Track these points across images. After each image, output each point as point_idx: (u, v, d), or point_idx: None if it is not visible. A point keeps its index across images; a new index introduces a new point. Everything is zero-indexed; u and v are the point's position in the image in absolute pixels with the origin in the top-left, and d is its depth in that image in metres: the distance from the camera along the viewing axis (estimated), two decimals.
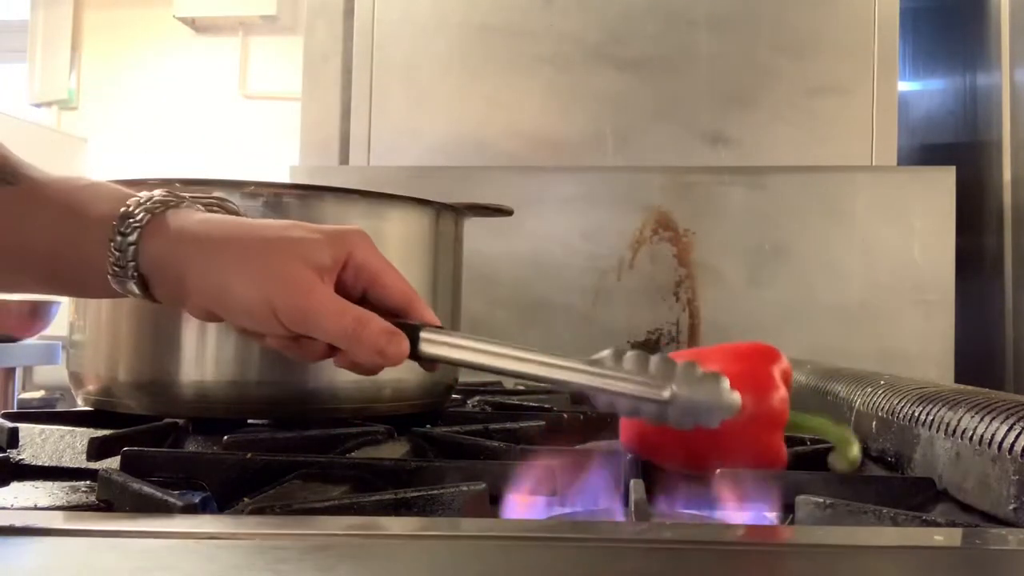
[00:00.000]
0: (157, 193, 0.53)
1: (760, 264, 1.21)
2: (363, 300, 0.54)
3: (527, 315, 1.22)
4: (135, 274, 0.52)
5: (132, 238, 0.51)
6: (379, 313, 0.52)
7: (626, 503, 0.47)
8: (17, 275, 0.56)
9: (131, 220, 0.52)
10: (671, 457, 0.55)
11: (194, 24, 3.08)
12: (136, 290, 0.53)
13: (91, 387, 0.71)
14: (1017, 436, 0.43)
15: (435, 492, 0.45)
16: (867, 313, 1.19)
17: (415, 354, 0.53)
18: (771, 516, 0.48)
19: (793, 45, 1.30)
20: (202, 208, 0.55)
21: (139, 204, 0.52)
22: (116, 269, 0.52)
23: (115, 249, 0.51)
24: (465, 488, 0.46)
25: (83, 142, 3.04)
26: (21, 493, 0.50)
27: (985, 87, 1.31)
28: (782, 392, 0.54)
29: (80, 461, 0.57)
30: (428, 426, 0.70)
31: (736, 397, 0.46)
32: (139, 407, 0.68)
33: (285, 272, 0.50)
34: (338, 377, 0.69)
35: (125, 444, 0.55)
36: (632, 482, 0.48)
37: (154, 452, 0.55)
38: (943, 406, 0.53)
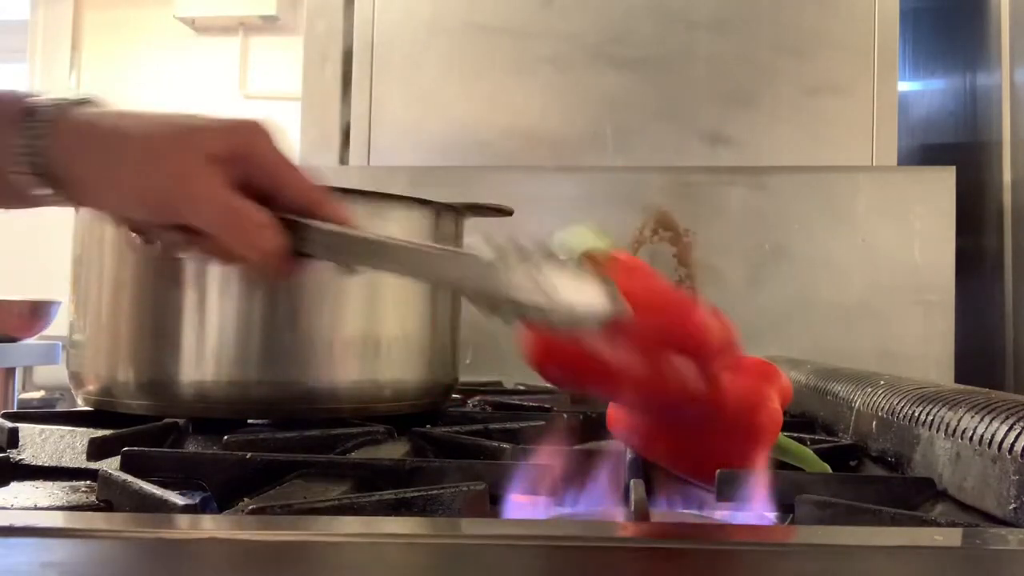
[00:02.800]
0: (58, 94, 0.52)
1: (760, 264, 1.21)
2: (267, 202, 0.51)
3: None
4: (38, 173, 0.50)
5: (38, 131, 0.49)
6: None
7: (626, 503, 0.47)
8: None
9: (37, 118, 0.50)
10: (654, 451, 0.54)
11: (194, 24, 3.08)
12: (40, 186, 0.51)
13: (91, 387, 0.71)
14: (1017, 436, 0.43)
15: (435, 492, 0.45)
16: (867, 313, 1.19)
17: (300, 251, 0.50)
18: (771, 516, 0.48)
19: (793, 45, 1.30)
20: (107, 105, 0.54)
21: (41, 104, 0.51)
22: (17, 169, 0.50)
23: (20, 150, 0.50)
24: (465, 488, 0.46)
25: None
26: (21, 493, 0.50)
27: (985, 87, 1.31)
28: (776, 413, 0.54)
29: (80, 461, 0.57)
30: (428, 426, 0.70)
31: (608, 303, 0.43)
32: (139, 407, 0.68)
33: (170, 158, 0.49)
34: (338, 377, 0.69)
35: (125, 444, 0.55)
36: (632, 482, 0.47)
37: (154, 452, 0.55)
38: (943, 406, 0.53)
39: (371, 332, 0.70)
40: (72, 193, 0.52)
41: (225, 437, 0.59)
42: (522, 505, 0.48)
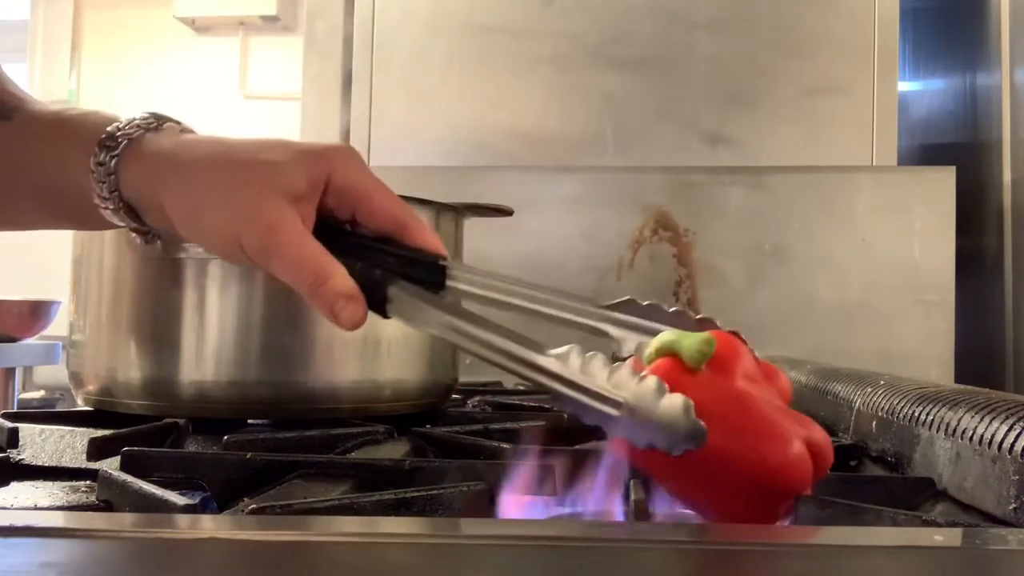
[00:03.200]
0: (139, 117, 0.51)
1: (760, 264, 1.21)
2: (356, 223, 0.50)
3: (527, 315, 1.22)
4: (120, 203, 0.50)
5: (111, 166, 0.49)
6: (373, 237, 0.49)
7: (626, 503, 0.47)
8: (27, 212, 0.55)
9: (109, 148, 0.49)
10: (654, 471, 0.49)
11: (194, 24, 3.08)
12: (128, 220, 0.51)
13: (91, 387, 0.71)
14: (1017, 436, 0.43)
15: (435, 492, 0.45)
16: (867, 313, 1.19)
17: (384, 313, 0.49)
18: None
19: (793, 45, 1.30)
20: (184, 130, 0.53)
21: (119, 130, 0.50)
22: (102, 199, 0.50)
23: (97, 181, 0.49)
24: (465, 488, 0.46)
25: None
26: (21, 493, 0.50)
27: (985, 87, 1.31)
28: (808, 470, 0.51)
29: (80, 461, 0.57)
30: (428, 426, 0.70)
31: (698, 425, 0.41)
32: (139, 407, 0.68)
33: (253, 203, 0.47)
34: (338, 377, 0.69)
35: (125, 444, 0.55)
36: (632, 482, 0.47)
37: (154, 452, 0.55)
38: (943, 406, 0.53)
39: (371, 332, 0.70)
40: (153, 224, 0.52)
41: (225, 437, 0.59)
42: (522, 505, 0.48)
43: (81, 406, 0.73)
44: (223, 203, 0.48)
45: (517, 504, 0.48)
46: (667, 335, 0.47)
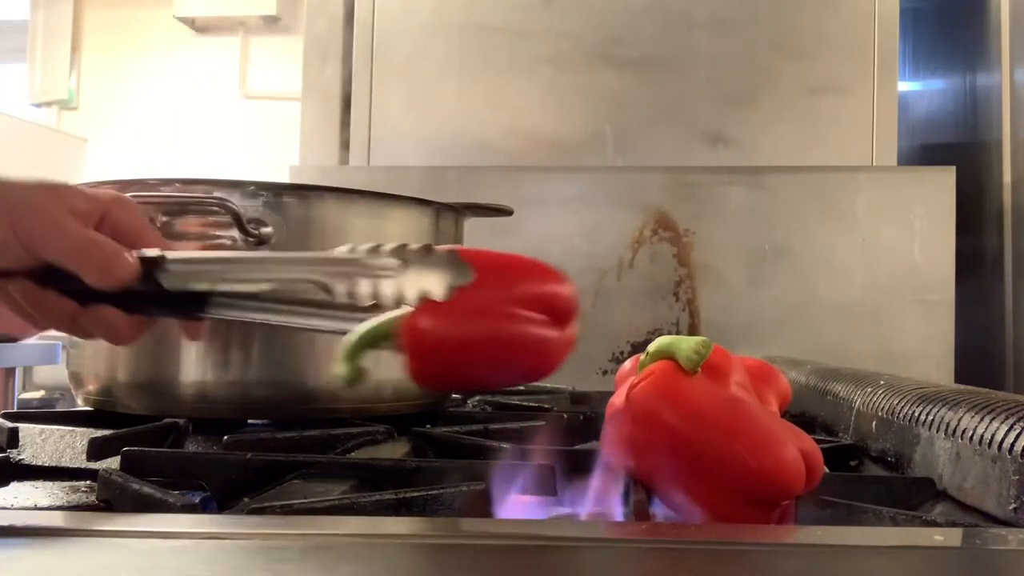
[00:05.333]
0: None
1: (760, 264, 1.21)
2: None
3: None
4: None
5: None
6: None
7: (626, 503, 0.47)
8: None
9: None
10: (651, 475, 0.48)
11: (194, 24, 3.08)
12: None
13: (91, 387, 0.71)
14: (1017, 436, 0.43)
15: (435, 492, 0.45)
16: (867, 313, 1.19)
17: (155, 281, 0.53)
18: None
19: (793, 45, 1.30)
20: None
21: None
22: None
23: None
24: (465, 488, 0.46)
25: (83, 142, 3.04)
26: (21, 493, 0.50)
27: (985, 87, 1.31)
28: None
29: (80, 461, 0.57)
30: (428, 426, 0.70)
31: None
32: (139, 407, 0.68)
33: (35, 203, 0.53)
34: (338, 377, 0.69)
35: (125, 444, 0.55)
36: (632, 482, 0.47)
37: (154, 452, 0.55)
38: (943, 406, 0.53)
39: None
40: None
41: (225, 437, 0.59)
42: (522, 505, 0.48)
43: (81, 406, 0.73)
44: (13, 210, 0.52)
45: (517, 504, 0.48)
46: (663, 339, 0.47)
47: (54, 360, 1.98)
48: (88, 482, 0.53)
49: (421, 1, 1.36)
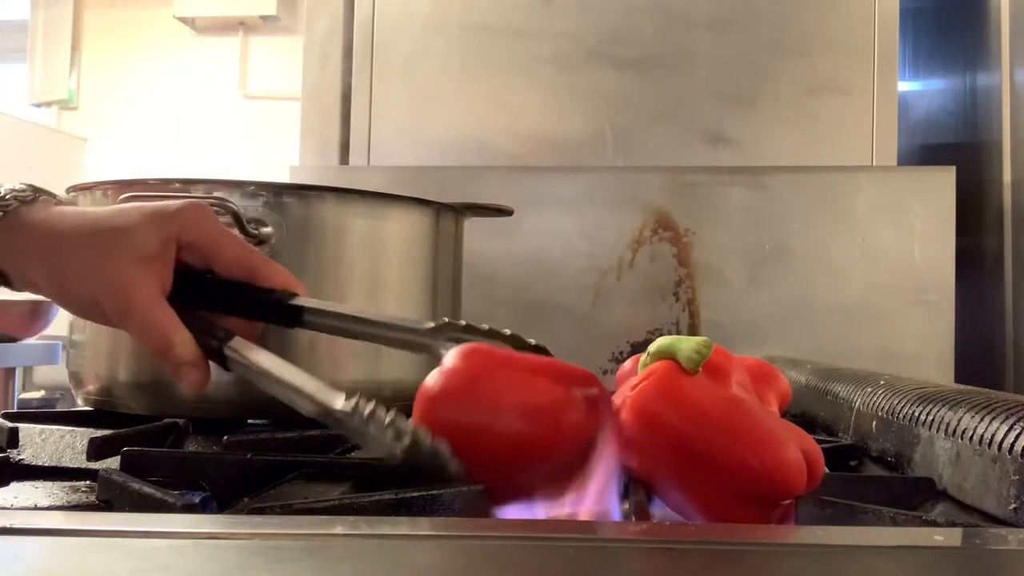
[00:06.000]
0: (17, 188, 0.55)
1: (760, 264, 1.21)
2: (213, 272, 0.57)
3: (527, 315, 1.22)
4: None
5: None
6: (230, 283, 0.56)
7: (626, 503, 0.47)
8: None
9: None
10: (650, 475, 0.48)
11: (194, 24, 3.08)
12: None
13: (91, 387, 0.71)
14: (1017, 436, 0.43)
15: (435, 492, 0.45)
16: (867, 313, 1.19)
17: (228, 369, 0.56)
18: None
19: (793, 45, 1.30)
20: (58, 202, 0.58)
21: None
22: None
23: None
24: (465, 488, 0.46)
25: (83, 142, 3.04)
26: (21, 493, 0.50)
27: (985, 87, 1.31)
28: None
29: (80, 461, 0.57)
30: None
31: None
32: (139, 407, 0.68)
33: (110, 270, 0.53)
34: (338, 377, 0.69)
35: (125, 444, 0.55)
36: (632, 482, 0.47)
37: (154, 452, 0.55)
38: (943, 406, 0.53)
39: None
40: (21, 290, 0.57)
41: (225, 437, 0.59)
42: (522, 505, 0.48)
43: (81, 406, 0.73)
44: (84, 273, 0.53)
45: (517, 504, 0.48)
46: (664, 339, 0.47)
47: (54, 360, 1.98)
48: (88, 482, 0.53)
49: (421, 1, 1.36)
